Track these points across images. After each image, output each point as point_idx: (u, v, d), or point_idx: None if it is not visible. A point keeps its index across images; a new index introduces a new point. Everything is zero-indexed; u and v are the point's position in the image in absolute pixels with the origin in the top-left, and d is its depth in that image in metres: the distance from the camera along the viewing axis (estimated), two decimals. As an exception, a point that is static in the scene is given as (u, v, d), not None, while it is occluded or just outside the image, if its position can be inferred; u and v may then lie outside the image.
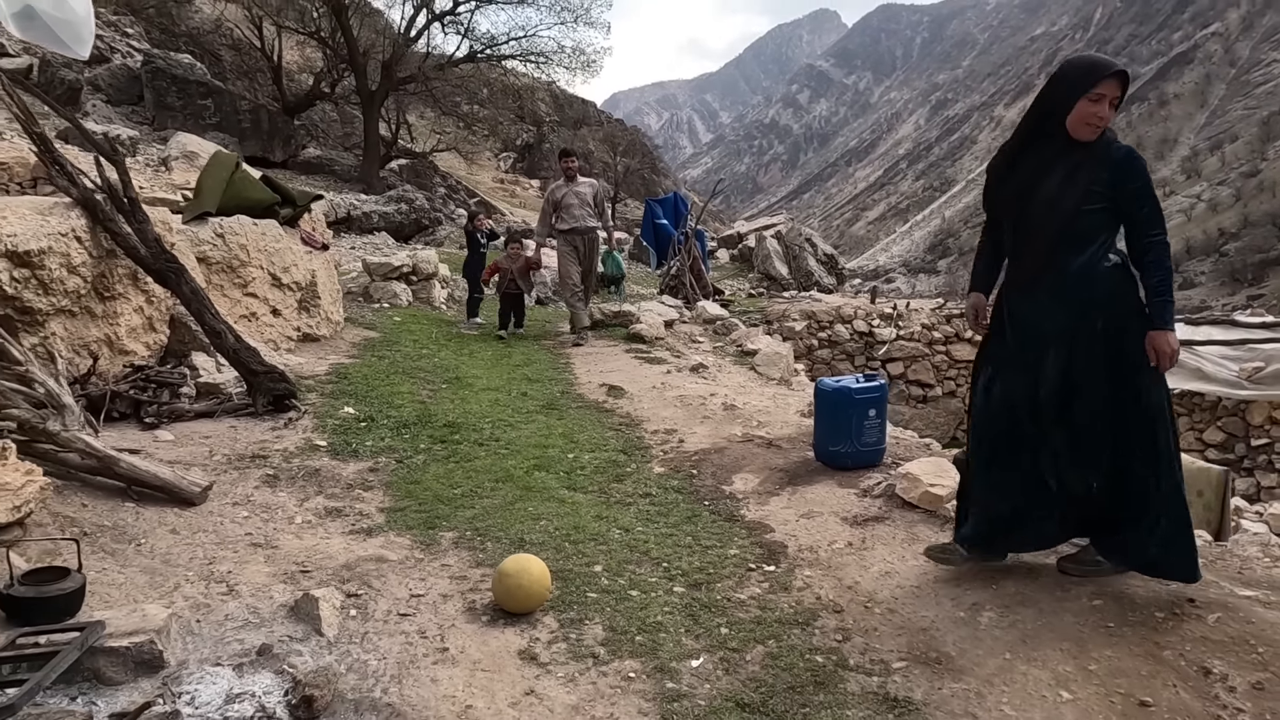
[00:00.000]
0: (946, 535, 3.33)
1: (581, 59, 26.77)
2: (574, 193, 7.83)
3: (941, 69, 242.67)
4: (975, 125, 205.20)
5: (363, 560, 3.12)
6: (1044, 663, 2.46)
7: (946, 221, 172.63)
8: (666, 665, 2.52)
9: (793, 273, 24.12)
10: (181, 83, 21.94)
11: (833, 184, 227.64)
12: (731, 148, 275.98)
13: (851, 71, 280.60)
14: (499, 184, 41.29)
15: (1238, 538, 3.25)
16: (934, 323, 13.50)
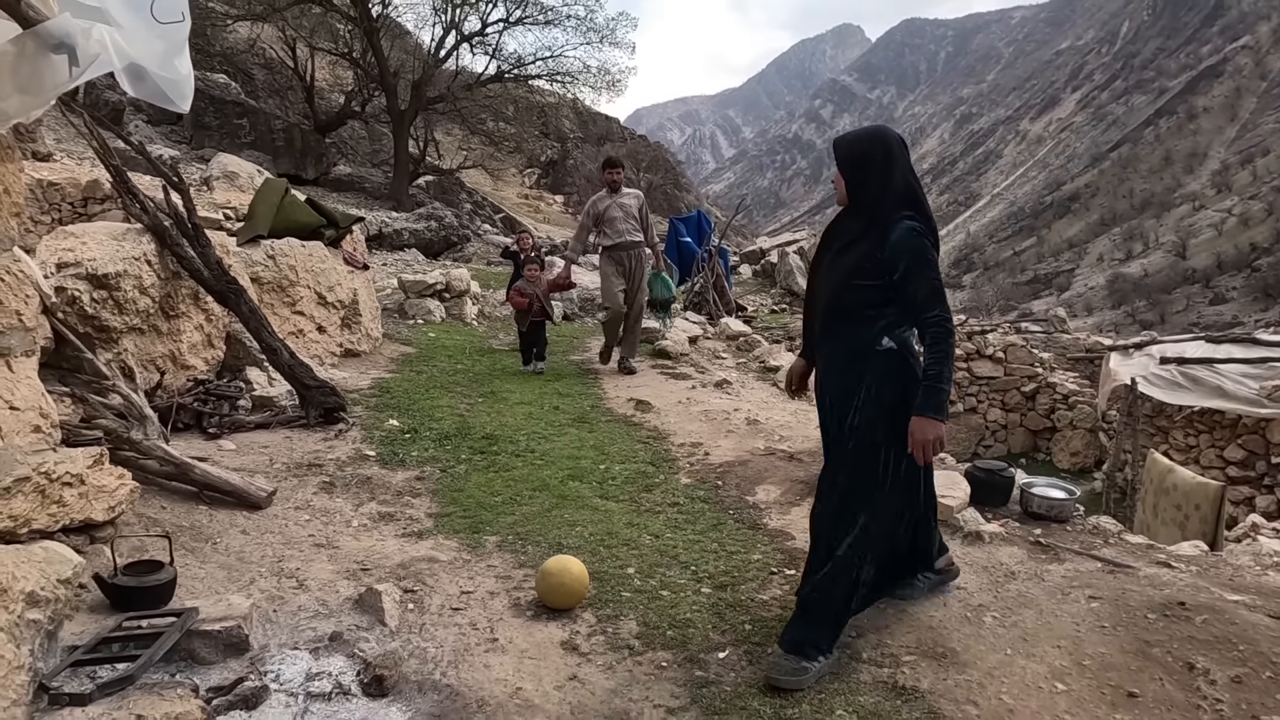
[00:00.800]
0: (960, 544, 3.56)
1: (607, 78, 27.23)
2: (618, 204, 7.18)
3: (966, 83, 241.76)
4: (1000, 139, 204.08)
5: (416, 560, 3.41)
6: (1041, 658, 2.69)
7: (971, 236, 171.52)
8: (696, 656, 2.78)
9: (815, 288, 24.17)
10: (218, 103, 22.60)
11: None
12: (754, 163, 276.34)
13: (875, 86, 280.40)
14: (524, 199, 41.83)
15: (1231, 548, 3.43)
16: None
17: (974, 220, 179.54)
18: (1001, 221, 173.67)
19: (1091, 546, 3.49)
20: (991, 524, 3.63)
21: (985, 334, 13.78)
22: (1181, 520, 4.92)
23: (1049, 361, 13.79)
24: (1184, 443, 10.07)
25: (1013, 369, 13.65)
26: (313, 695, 2.43)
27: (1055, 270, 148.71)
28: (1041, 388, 13.49)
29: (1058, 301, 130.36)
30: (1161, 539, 5.22)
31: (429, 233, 20.25)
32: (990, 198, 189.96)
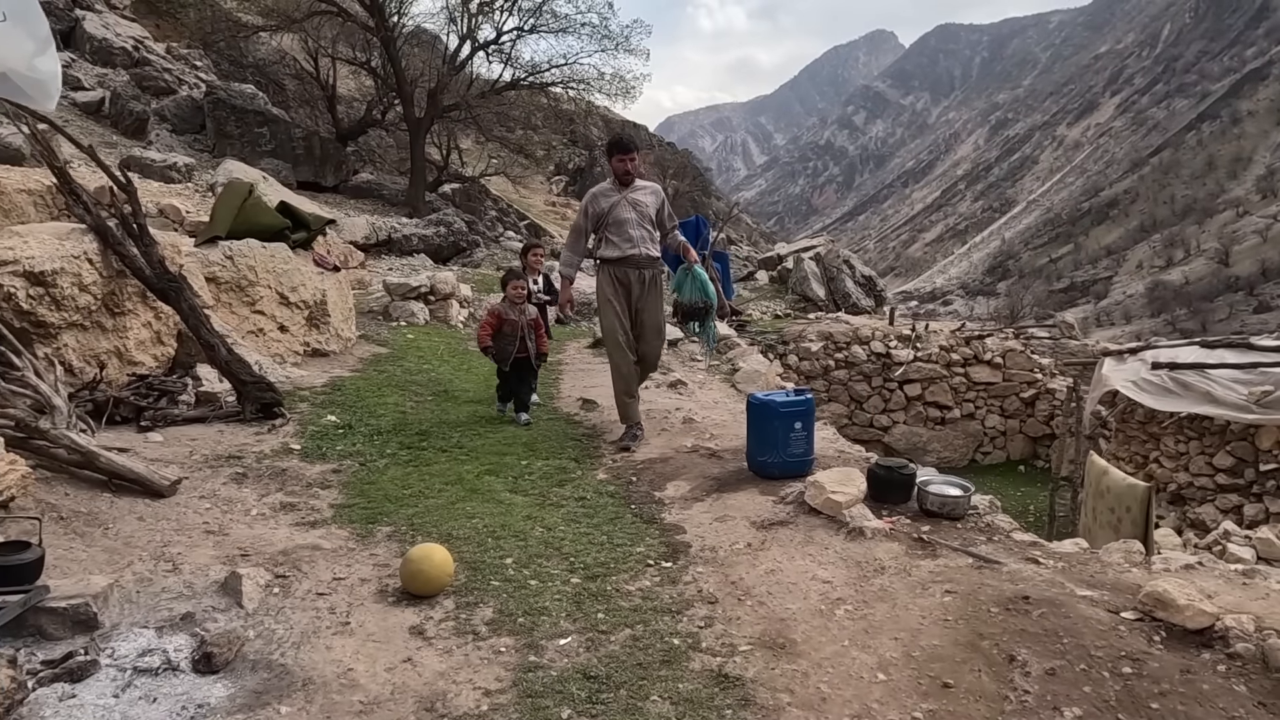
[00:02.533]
0: (842, 539, 3.56)
1: (621, 85, 27.39)
2: (629, 202, 5.00)
3: (1001, 88, 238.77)
4: (1037, 145, 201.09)
5: (300, 548, 3.49)
6: (875, 650, 2.68)
7: (1006, 243, 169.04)
8: (536, 642, 2.82)
9: (830, 294, 24.20)
10: (240, 112, 23.13)
11: (889, 205, 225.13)
12: (786, 169, 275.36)
13: (908, 92, 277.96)
14: (550, 207, 42.14)
15: (1109, 545, 3.37)
16: (953, 344, 13.49)
17: (1009, 227, 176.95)
18: (1037, 228, 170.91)
19: (972, 543, 3.46)
20: (877, 520, 3.62)
21: (984, 339, 13.60)
22: (1115, 522, 4.83)
23: (1049, 367, 13.58)
24: (1174, 449, 9.86)
25: (1012, 375, 13.46)
26: (140, 670, 2.52)
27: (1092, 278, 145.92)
28: (1041, 394, 13.30)
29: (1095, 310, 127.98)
30: (1099, 542, 5.13)
31: (438, 238, 20.50)
32: (1026, 204, 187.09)
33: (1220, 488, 9.29)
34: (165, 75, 24.56)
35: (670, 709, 2.42)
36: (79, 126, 19.13)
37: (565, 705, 2.43)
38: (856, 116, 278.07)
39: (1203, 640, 2.47)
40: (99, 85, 21.45)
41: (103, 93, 20.89)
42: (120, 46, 24.60)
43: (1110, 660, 2.42)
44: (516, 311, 5.78)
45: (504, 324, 5.73)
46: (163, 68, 25.06)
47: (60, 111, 19.45)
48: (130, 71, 23.50)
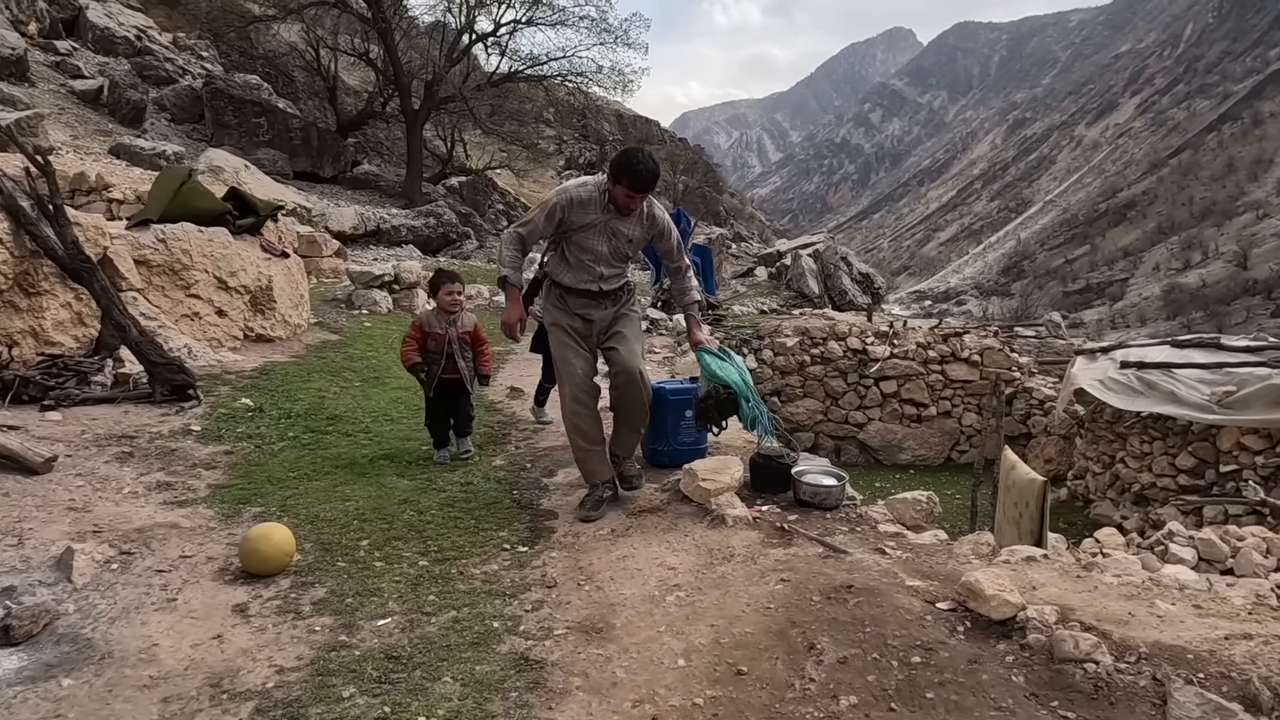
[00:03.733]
0: (704, 527, 3.51)
1: (619, 79, 27.33)
2: (610, 231, 3.74)
3: (1020, 87, 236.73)
4: (1054, 145, 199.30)
5: (158, 525, 3.48)
6: (688, 636, 2.64)
7: (1022, 243, 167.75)
8: (355, 623, 2.79)
9: (827, 291, 24.08)
10: (238, 102, 23.25)
11: (904, 204, 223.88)
12: (801, 167, 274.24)
13: (926, 90, 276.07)
14: None
15: (964, 538, 3.31)
16: (930, 341, 13.35)
17: (1024, 227, 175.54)
18: (1053, 229, 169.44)
19: (831, 533, 3.41)
20: (742, 509, 3.57)
21: (961, 336, 13.46)
22: (1017, 517, 4.76)
23: (1028, 366, 13.43)
24: (1139, 449, 9.73)
25: (989, 373, 13.30)
26: (-65, 640, 2.51)
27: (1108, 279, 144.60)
28: (1019, 392, 13.14)
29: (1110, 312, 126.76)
30: (1005, 536, 5.07)
31: (427, 229, 20.56)
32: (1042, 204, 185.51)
33: (1182, 488, 9.14)
34: (166, 65, 24.70)
35: (457, 689, 2.39)
36: (75, 114, 19.28)
37: (352, 684, 2.41)
38: (873, 114, 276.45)
39: (1004, 631, 2.41)
40: (99, 74, 21.59)
41: (102, 81, 21.03)
42: (123, 36, 24.76)
43: (904, 649, 2.37)
44: (444, 323, 4.64)
45: (428, 339, 4.62)
46: (164, 57, 25.20)
47: (57, 99, 19.61)
48: (131, 61, 23.65)
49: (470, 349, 4.70)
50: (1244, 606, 2.54)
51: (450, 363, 4.63)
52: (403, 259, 17.87)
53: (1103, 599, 2.60)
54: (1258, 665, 2.07)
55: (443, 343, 4.62)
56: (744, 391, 3.84)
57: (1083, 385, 10.01)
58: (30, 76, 19.29)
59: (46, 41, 21.72)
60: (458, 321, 4.70)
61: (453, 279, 4.73)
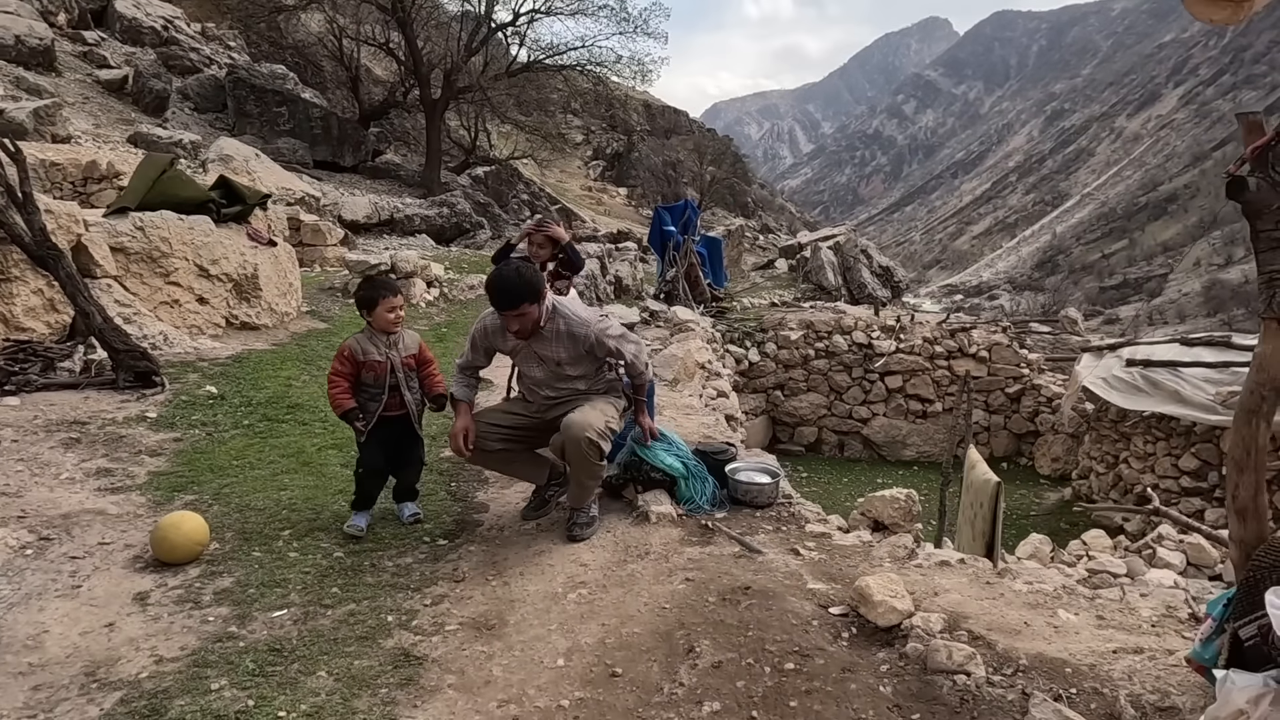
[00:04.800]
0: (628, 523, 3.45)
1: (639, 68, 27.22)
2: (534, 355, 3.42)
3: (1059, 78, 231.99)
4: (1093, 137, 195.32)
5: (86, 512, 3.50)
6: (576, 635, 2.59)
7: (1057, 238, 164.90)
8: (250, 614, 2.78)
9: (845, 284, 23.86)
10: (259, 92, 23.47)
11: (936, 197, 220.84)
12: (832, 158, 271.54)
13: (961, 81, 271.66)
14: (586, 192, 42.08)
15: (887, 539, 3.21)
16: (937, 336, 13.13)
17: (1060, 221, 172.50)
18: (1091, 223, 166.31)
19: (754, 531, 3.33)
20: (668, 506, 3.50)
21: (969, 331, 13.21)
22: (973, 519, 4.63)
23: (1037, 363, 13.15)
24: (1143, 450, 9.48)
25: (997, 369, 13.07)
26: None
27: (1146, 275, 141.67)
28: (1027, 389, 12.88)
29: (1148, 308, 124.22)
30: (962, 536, 4.96)
31: (440, 219, 20.62)
32: (1080, 198, 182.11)
33: (1185, 490, 8.90)
34: (191, 55, 25.00)
35: (329, 684, 2.37)
36: (99, 103, 19.60)
37: (225, 676, 2.39)
38: (906, 105, 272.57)
39: (888, 638, 2.33)
40: (126, 63, 21.92)
41: (127, 70, 21.34)
42: (150, 26, 25.09)
43: (781, 655, 2.30)
44: (383, 347, 3.57)
45: (362, 369, 3.54)
46: (190, 47, 25.51)
47: (82, 88, 19.95)
48: (157, 50, 23.98)
49: (415, 374, 3.69)
50: (1150, 618, 2.43)
51: (394, 396, 3.57)
52: (413, 249, 17.97)
53: (1004, 607, 2.50)
54: (1132, 681, 1.97)
55: (383, 374, 3.54)
56: (682, 474, 3.61)
57: (1086, 383, 9.78)
58: (58, 66, 19.63)
59: (75, 32, 22.08)
60: (399, 343, 3.62)
61: (391, 291, 3.63)
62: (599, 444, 3.22)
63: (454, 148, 29.21)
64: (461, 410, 3.44)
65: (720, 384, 7.75)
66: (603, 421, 3.25)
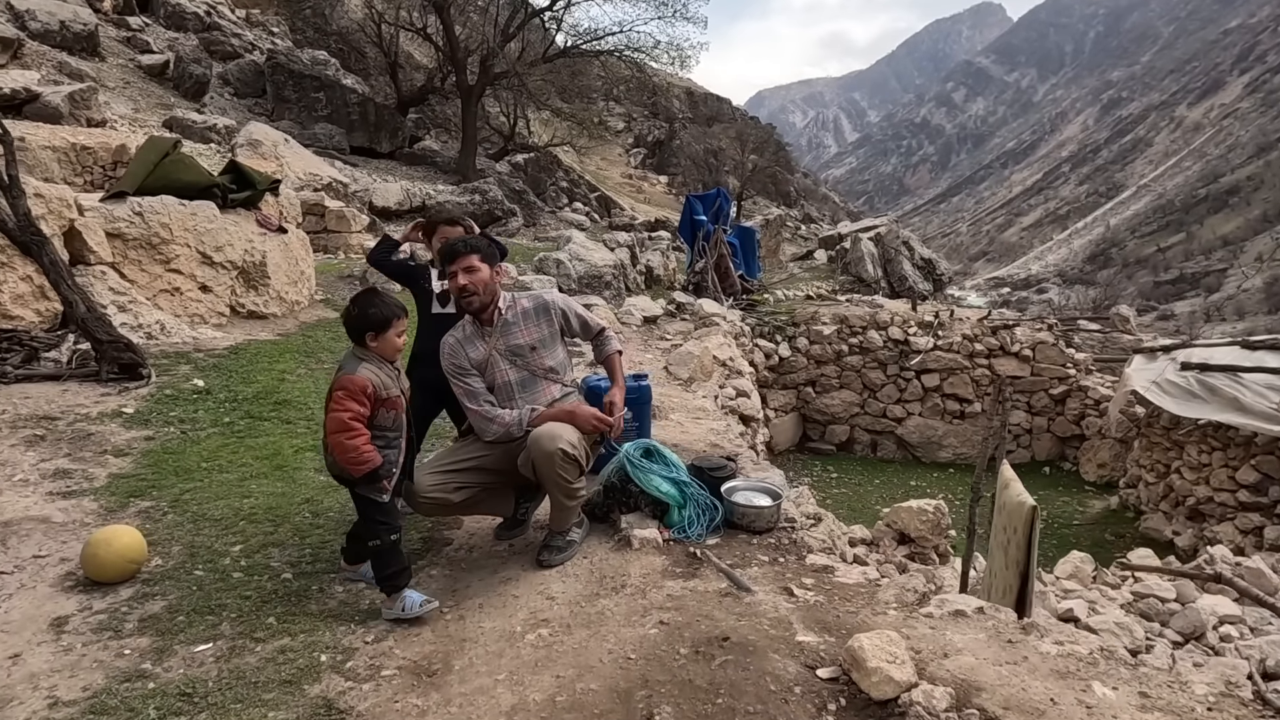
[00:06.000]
0: (608, 549, 3.11)
1: (677, 53, 26.78)
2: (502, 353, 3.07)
3: (1117, 65, 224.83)
4: (1152, 126, 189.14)
5: (28, 519, 3.26)
6: (525, 688, 2.25)
7: (1111, 230, 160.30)
8: (170, 646, 2.50)
9: (886, 276, 23.24)
10: (298, 77, 23.51)
11: (985, 187, 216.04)
12: (878, 147, 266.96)
13: (1014, 68, 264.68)
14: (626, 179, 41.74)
15: (895, 579, 2.80)
16: (978, 334, 12.53)
17: (1115, 213, 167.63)
18: (1147, 215, 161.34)
19: (747, 563, 2.96)
20: (652, 530, 3.14)
21: (1012, 329, 12.58)
22: (1005, 543, 4.19)
23: (1084, 363, 12.48)
24: (1197, 460, 8.86)
25: (1041, 369, 12.43)
26: None
27: (1204, 269, 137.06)
28: (1073, 391, 12.24)
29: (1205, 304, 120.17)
30: (994, 562, 4.51)
31: (472, 206, 20.40)
32: (1136, 189, 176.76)
33: (1242, 505, 8.28)
34: (233, 40, 25.15)
35: (233, 743, 2.06)
36: (139, 88, 19.75)
37: (120, 727, 2.10)
38: (956, 93, 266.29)
39: (885, 713, 1.95)
40: (168, 48, 22.09)
41: (167, 56, 21.50)
42: (193, 12, 25.29)
43: (752, 732, 1.94)
44: (394, 378, 2.83)
45: (380, 408, 2.76)
46: (232, 33, 25.67)
47: (124, 73, 20.13)
48: (199, 36, 24.13)
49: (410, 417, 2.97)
50: (1205, 697, 2.01)
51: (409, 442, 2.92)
52: (443, 236, 17.68)
53: (1027, 676, 2.10)
54: (1182, 798, 1.57)
55: (400, 410, 2.84)
56: (677, 501, 3.23)
57: (1137, 387, 9.16)
58: (101, 51, 19.81)
59: (119, 18, 22.29)
60: (400, 372, 2.92)
61: (402, 310, 2.91)
62: (574, 456, 2.85)
63: (493, 134, 29.04)
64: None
65: (741, 383, 7.36)
66: (575, 434, 2.89)
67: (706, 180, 42.29)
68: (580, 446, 2.90)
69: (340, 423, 2.64)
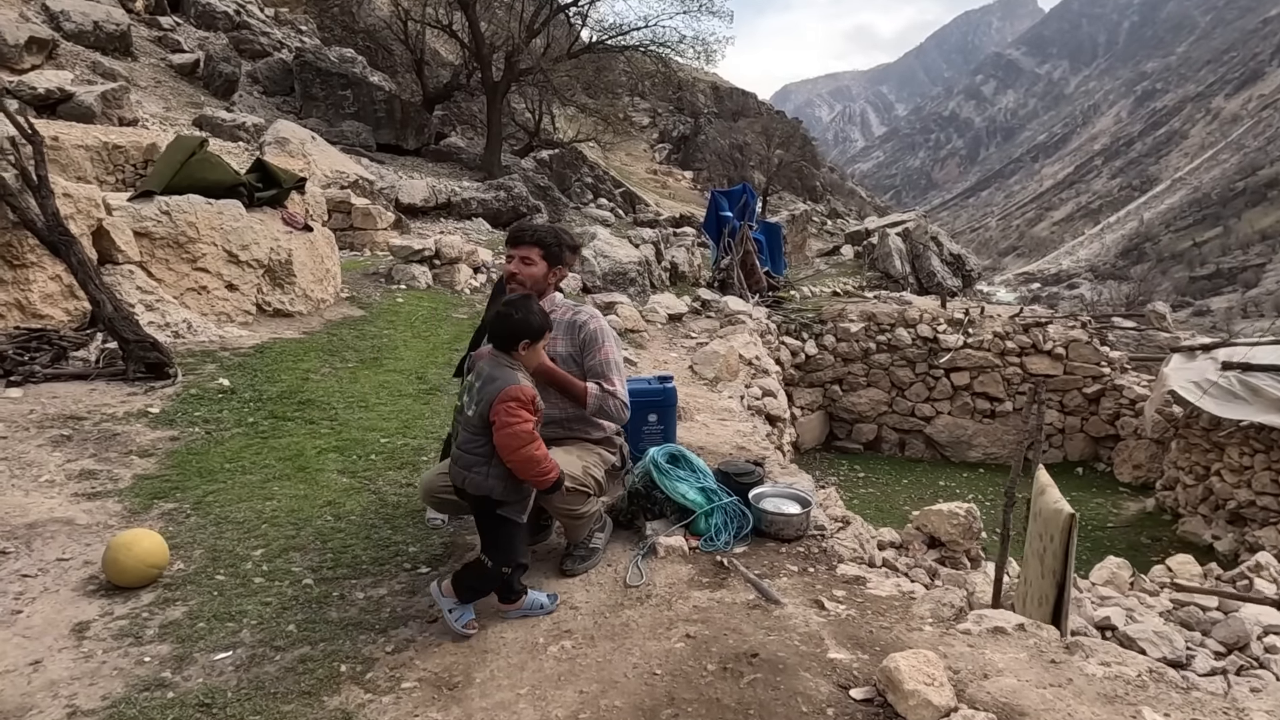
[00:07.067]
0: (625, 555, 3.04)
1: (703, 48, 26.64)
2: None
3: (1152, 56, 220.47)
4: (1187, 119, 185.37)
5: (53, 521, 3.26)
6: (547, 704, 2.19)
7: (1145, 224, 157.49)
8: (190, 654, 2.47)
9: (914, 272, 22.98)
10: (325, 75, 23.66)
11: (1015, 181, 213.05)
12: (905, 141, 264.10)
13: (1045, 60, 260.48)
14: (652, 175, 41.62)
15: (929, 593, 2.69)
16: (1009, 331, 12.30)
17: (1149, 207, 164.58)
18: (1182, 209, 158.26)
19: (776, 572, 2.87)
20: (678, 537, 3.07)
21: (1044, 326, 12.33)
22: (1041, 551, 4.06)
23: (1119, 361, 12.20)
24: (1239, 462, 8.62)
25: (1074, 367, 12.18)
26: None
27: (1242, 264, 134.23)
28: (1107, 390, 11.98)
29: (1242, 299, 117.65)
30: (1028, 570, 4.39)
31: (497, 203, 20.43)
32: (1170, 182, 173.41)
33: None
34: (261, 39, 25.37)
35: (251, 757, 2.02)
36: (170, 87, 19.98)
37: (138, 739, 2.07)
38: (985, 86, 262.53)
39: (921, 742, 1.86)
40: (199, 48, 22.33)
41: (198, 55, 21.72)
42: (223, 11, 25.54)
43: (782, 757, 1.86)
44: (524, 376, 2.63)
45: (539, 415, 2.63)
46: (261, 31, 25.90)
47: (155, 72, 20.37)
48: (229, 35, 24.38)
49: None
50: (1264, 728, 1.90)
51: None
52: (468, 233, 17.81)
53: (1073, 700, 2.01)
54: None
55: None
56: (703, 509, 3.14)
57: (1175, 387, 8.93)
58: (133, 51, 20.06)
59: (151, 17, 22.56)
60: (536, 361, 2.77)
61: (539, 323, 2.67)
62: (580, 491, 2.79)
63: (519, 131, 29.06)
64: None
65: (767, 382, 7.26)
66: (580, 467, 2.83)
67: (732, 175, 42.11)
68: (589, 475, 2.84)
69: (527, 434, 2.47)
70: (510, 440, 2.44)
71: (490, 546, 2.58)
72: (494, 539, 2.58)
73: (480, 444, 2.51)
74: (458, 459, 2.56)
